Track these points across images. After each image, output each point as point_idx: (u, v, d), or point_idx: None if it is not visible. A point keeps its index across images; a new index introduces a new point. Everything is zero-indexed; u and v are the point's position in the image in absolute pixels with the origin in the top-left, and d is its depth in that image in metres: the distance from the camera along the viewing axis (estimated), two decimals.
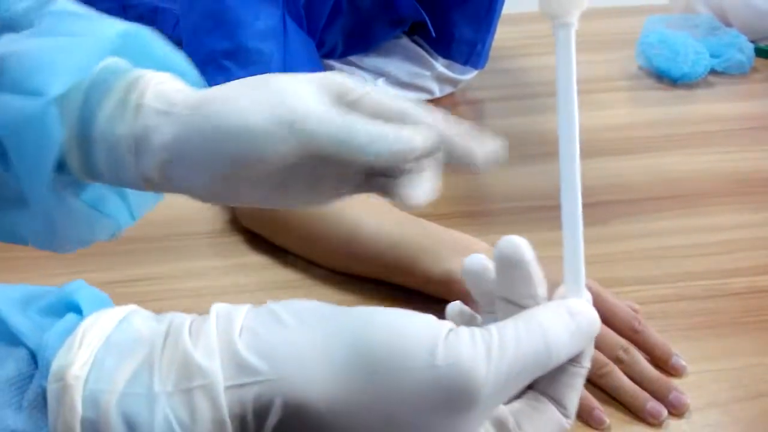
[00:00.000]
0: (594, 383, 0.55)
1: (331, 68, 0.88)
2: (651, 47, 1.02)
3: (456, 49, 0.91)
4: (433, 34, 0.88)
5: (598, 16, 1.21)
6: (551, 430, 0.32)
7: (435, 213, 0.71)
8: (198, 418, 0.27)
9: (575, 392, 0.33)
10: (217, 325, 0.29)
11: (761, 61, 1.06)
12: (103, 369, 0.28)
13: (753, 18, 1.08)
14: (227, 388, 0.28)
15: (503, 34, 1.01)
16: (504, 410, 0.32)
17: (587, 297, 0.34)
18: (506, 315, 0.31)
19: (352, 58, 0.89)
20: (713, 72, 1.02)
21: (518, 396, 0.32)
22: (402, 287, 0.63)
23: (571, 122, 0.34)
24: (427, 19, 0.85)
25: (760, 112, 0.95)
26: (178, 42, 0.80)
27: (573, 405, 0.33)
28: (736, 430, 0.52)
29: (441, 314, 0.61)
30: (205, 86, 0.40)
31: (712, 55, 1.02)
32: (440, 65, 0.92)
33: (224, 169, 0.36)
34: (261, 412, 0.28)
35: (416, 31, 0.92)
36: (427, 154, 0.34)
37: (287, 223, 0.66)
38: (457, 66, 0.93)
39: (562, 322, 0.31)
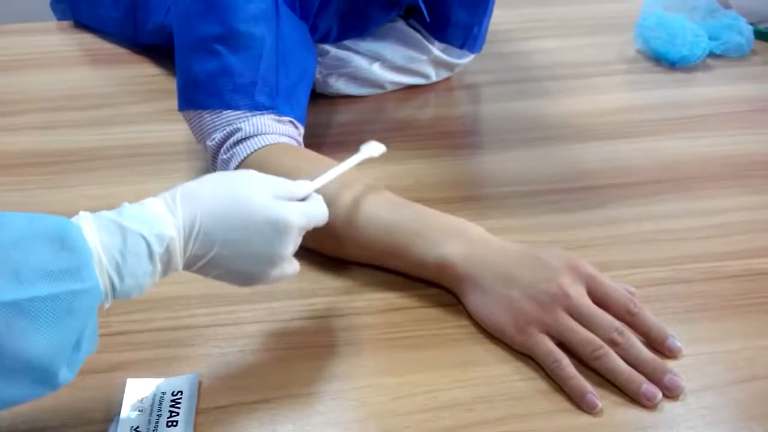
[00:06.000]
0: (588, 365, 0.55)
1: (326, 53, 0.88)
2: (649, 30, 1.02)
3: (452, 33, 0.91)
4: (427, 19, 0.87)
5: None
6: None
7: (433, 198, 0.71)
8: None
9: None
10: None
11: (760, 44, 1.05)
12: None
13: (752, 0, 1.08)
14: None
15: (500, 18, 1.01)
16: None
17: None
18: None
19: (348, 43, 0.89)
20: (712, 55, 1.02)
21: None
22: (397, 272, 0.63)
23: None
24: (420, 2, 0.85)
25: (759, 95, 0.94)
26: (170, 28, 0.80)
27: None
28: (731, 413, 0.52)
29: (437, 296, 0.62)
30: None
31: (711, 38, 1.02)
32: (436, 49, 0.92)
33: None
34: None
35: (412, 15, 0.91)
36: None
37: None
38: (454, 50, 0.93)
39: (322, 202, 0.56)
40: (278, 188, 0.52)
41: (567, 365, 0.54)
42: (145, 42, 1.00)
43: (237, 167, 0.67)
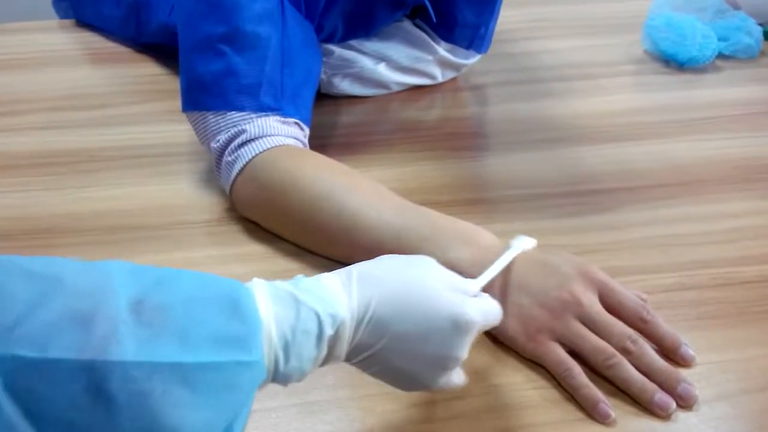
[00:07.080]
0: (601, 374, 0.54)
1: (331, 53, 0.87)
2: (657, 31, 1.00)
3: (459, 33, 0.90)
4: (434, 19, 0.86)
5: None
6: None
7: (438, 200, 0.70)
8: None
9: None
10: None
11: None
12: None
13: (761, 1, 1.07)
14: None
15: (507, 18, 1.00)
16: None
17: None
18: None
19: (353, 43, 0.88)
20: (721, 56, 1.01)
21: None
22: None
23: None
24: (427, 2, 0.84)
25: None
26: (173, 27, 0.79)
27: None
28: (745, 423, 0.52)
29: None
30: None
31: (720, 39, 1.00)
32: (443, 49, 0.91)
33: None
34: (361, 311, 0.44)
35: (418, 15, 0.90)
36: None
37: (287, 212, 0.65)
38: (460, 50, 0.92)
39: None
40: (454, 281, 0.48)
41: (579, 374, 0.53)
42: (148, 41, 0.99)
43: (242, 169, 0.66)
